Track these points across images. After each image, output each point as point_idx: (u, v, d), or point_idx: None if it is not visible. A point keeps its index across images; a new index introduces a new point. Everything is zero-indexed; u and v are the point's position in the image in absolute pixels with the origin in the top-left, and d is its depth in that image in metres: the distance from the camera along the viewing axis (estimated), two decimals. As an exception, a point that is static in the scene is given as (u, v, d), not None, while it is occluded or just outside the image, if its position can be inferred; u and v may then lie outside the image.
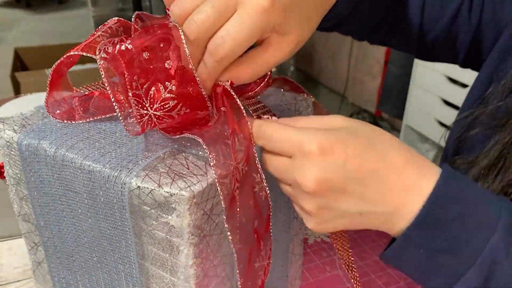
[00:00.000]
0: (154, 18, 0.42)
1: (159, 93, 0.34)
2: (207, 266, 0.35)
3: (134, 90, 0.33)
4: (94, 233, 0.37)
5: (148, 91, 0.34)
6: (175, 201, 0.31)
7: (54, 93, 0.40)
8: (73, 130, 0.38)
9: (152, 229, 0.33)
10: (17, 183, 0.40)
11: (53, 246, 0.41)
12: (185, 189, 0.31)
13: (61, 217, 0.39)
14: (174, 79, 0.34)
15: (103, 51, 0.34)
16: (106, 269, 0.38)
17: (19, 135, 0.37)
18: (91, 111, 0.39)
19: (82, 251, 0.39)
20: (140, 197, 0.32)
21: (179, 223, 0.32)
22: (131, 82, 0.33)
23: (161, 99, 0.34)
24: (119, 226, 0.35)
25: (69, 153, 0.35)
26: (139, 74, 0.33)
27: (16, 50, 2.16)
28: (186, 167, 0.33)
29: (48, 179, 0.37)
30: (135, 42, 0.34)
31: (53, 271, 0.43)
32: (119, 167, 0.33)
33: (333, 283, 0.60)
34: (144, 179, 0.32)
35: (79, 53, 0.37)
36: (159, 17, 0.42)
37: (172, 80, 0.34)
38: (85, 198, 0.36)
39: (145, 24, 0.42)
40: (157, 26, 0.35)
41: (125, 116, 0.35)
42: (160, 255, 0.34)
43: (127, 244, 0.35)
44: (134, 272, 0.37)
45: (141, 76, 0.33)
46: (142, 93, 0.34)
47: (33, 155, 0.37)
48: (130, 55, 0.33)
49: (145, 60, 0.34)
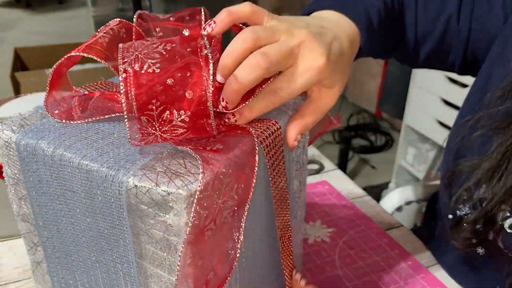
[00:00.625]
0: (157, 18, 0.42)
1: (171, 117, 0.34)
2: (206, 265, 0.35)
3: (149, 111, 0.33)
4: (92, 232, 0.37)
5: (162, 114, 0.33)
6: (172, 200, 0.31)
7: (54, 93, 0.40)
8: (71, 131, 0.38)
9: (150, 228, 0.33)
10: (16, 183, 0.40)
11: (52, 246, 0.41)
12: (182, 187, 0.31)
13: (60, 217, 0.39)
14: (190, 110, 0.34)
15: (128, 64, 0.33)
16: (105, 268, 0.39)
17: (17, 135, 0.37)
18: (89, 111, 0.39)
19: (80, 250, 0.39)
20: (138, 196, 0.32)
21: (176, 222, 0.32)
22: (147, 104, 0.33)
23: (172, 124, 0.34)
24: (117, 225, 0.35)
25: (67, 153, 0.35)
26: (157, 98, 0.33)
27: (16, 50, 2.16)
28: (184, 166, 0.33)
29: (46, 179, 0.37)
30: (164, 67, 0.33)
31: (52, 271, 0.43)
32: (117, 166, 0.33)
33: (333, 283, 0.60)
34: (141, 178, 0.32)
35: (80, 54, 0.37)
36: (161, 17, 0.42)
37: (187, 111, 0.34)
38: (83, 197, 0.36)
39: (148, 24, 0.42)
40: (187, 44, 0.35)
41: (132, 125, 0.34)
42: (158, 254, 0.34)
43: (125, 243, 0.35)
44: (132, 271, 0.37)
45: (159, 100, 0.33)
46: (155, 114, 0.33)
47: (31, 155, 0.37)
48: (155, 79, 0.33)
49: (168, 85, 0.33)
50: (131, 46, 0.34)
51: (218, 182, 0.32)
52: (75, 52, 0.37)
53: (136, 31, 0.40)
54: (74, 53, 0.37)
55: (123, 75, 0.33)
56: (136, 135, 0.34)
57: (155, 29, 0.42)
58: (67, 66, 0.39)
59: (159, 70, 0.33)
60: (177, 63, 0.33)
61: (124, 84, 0.33)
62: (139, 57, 0.33)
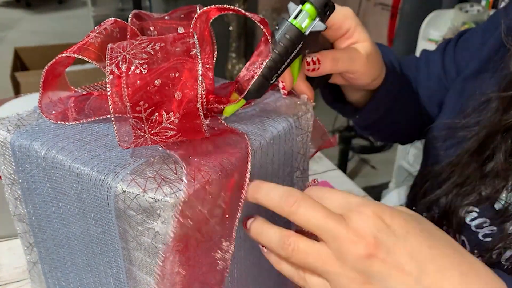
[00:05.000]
0: (152, 17, 0.42)
1: (161, 119, 0.33)
2: (195, 273, 0.34)
3: (137, 113, 0.32)
4: (83, 236, 0.37)
5: (151, 116, 0.32)
6: (159, 207, 0.30)
7: (49, 93, 0.39)
8: (65, 132, 0.37)
9: (138, 235, 0.33)
10: (12, 183, 0.40)
11: (46, 247, 0.41)
12: (170, 195, 0.30)
13: (53, 219, 0.38)
14: (179, 112, 0.33)
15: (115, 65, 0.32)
16: (96, 272, 0.38)
17: (12, 135, 0.37)
18: (85, 112, 0.39)
19: (73, 253, 0.39)
20: (126, 202, 0.31)
21: (164, 230, 0.31)
22: (135, 106, 0.32)
23: (161, 126, 0.33)
24: (107, 230, 0.34)
25: (59, 155, 0.35)
26: (145, 100, 0.32)
27: (16, 50, 2.16)
28: (174, 172, 0.32)
29: (39, 180, 0.37)
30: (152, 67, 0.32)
31: (47, 272, 0.43)
32: (106, 170, 0.33)
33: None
34: (130, 183, 0.31)
35: (71, 55, 0.36)
36: (156, 16, 0.42)
37: (176, 113, 0.33)
38: (74, 200, 0.35)
39: (143, 24, 0.41)
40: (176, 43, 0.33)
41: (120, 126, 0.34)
42: (147, 261, 0.34)
43: (114, 249, 0.35)
44: (122, 276, 0.36)
45: (147, 101, 0.32)
46: (144, 116, 0.32)
47: (25, 156, 0.37)
48: (142, 81, 0.32)
49: (155, 87, 0.32)
50: (119, 46, 0.33)
51: (203, 191, 0.31)
52: (66, 53, 0.36)
53: (131, 31, 0.40)
54: (65, 54, 0.36)
55: (110, 76, 0.32)
56: (125, 137, 0.33)
57: (150, 28, 0.41)
58: (64, 66, 0.39)
59: (147, 71, 0.32)
60: (165, 63, 0.32)
61: (111, 86, 0.32)
62: (126, 57, 0.32)
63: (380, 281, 0.30)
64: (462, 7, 1.63)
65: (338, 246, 0.31)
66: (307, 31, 0.40)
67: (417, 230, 0.32)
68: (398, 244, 0.30)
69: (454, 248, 0.32)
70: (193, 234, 0.32)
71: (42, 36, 3.67)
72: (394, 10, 2.28)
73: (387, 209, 0.32)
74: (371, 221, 0.31)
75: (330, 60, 0.45)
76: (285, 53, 0.40)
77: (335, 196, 0.33)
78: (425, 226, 0.33)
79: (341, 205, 0.33)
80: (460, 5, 1.65)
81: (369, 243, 0.30)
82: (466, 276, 0.31)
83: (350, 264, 0.31)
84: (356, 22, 0.47)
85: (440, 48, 0.65)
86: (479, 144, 0.48)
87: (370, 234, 0.30)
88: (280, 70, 0.40)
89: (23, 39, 3.53)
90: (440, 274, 0.30)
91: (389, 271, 0.30)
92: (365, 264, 0.30)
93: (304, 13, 0.40)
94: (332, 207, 0.32)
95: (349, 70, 0.48)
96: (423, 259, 0.30)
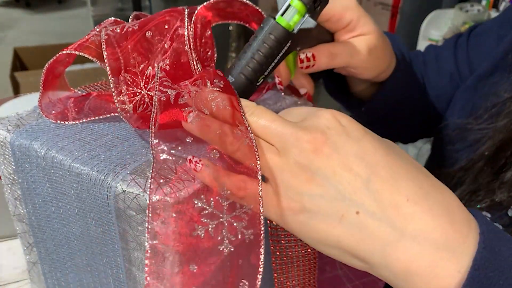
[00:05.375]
0: (152, 17, 0.42)
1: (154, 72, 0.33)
2: (196, 274, 0.33)
3: (131, 67, 0.33)
4: (83, 236, 0.37)
5: (145, 71, 0.33)
6: (159, 207, 0.30)
7: (50, 93, 0.39)
8: (65, 131, 0.37)
9: (138, 235, 0.33)
10: (12, 183, 0.40)
11: (46, 247, 0.41)
12: (169, 194, 0.30)
13: (52, 219, 0.38)
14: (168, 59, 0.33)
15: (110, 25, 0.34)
16: (96, 272, 0.38)
17: (12, 135, 0.37)
18: (85, 112, 0.38)
19: (73, 253, 0.39)
20: (126, 202, 0.31)
21: (164, 230, 0.31)
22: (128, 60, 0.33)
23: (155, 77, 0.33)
24: (107, 230, 0.34)
25: (59, 155, 0.34)
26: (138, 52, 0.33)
27: (15, 50, 2.17)
28: (174, 171, 0.32)
29: (39, 180, 0.37)
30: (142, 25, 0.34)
31: (46, 272, 0.43)
32: (106, 170, 0.32)
33: (333, 283, 0.60)
34: (130, 183, 0.31)
35: (72, 52, 0.36)
36: None
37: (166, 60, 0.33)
38: (74, 200, 0.35)
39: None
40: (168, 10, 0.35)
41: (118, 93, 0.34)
42: (147, 261, 0.33)
43: (114, 249, 0.35)
44: (122, 277, 0.36)
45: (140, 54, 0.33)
46: (138, 71, 0.33)
47: (25, 156, 0.37)
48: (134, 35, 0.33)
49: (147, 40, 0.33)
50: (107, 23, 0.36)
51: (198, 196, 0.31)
52: (67, 50, 0.36)
53: (131, 30, 0.40)
54: (66, 51, 0.36)
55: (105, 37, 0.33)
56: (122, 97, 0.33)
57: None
58: (64, 65, 0.39)
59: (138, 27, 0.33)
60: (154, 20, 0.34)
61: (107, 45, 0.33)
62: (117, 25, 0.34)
63: (323, 179, 0.28)
64: (462, 7, 1.64)
65: (283, 143, 0.29)
66: (296, 29, 0.37)
67: (376, 140, 0.29)
68: (349, 143, 0.28)
69: (422, 170, 0.29)
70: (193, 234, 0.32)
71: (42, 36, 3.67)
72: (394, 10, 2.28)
73: (349, 116, 0.30)
74: (324, 119, 0.29)
75: (327, 56, 0.42)
76: (271, 54, 0.37)
77: (301, 109, 0.32)
78: (395, 149, 0.30)
79: (302, 114, 0.31)
80: (460, 4, 1.65)
81: (315, 137, 0.28)
82: (426, 191, 0.28)
83: (293, 158, 0.28)
84: (359, 13, 0.44)
85: (450, 44, 0.61)
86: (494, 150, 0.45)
87: (318, 130, 0.29)
88: (267, 71, 0.38)
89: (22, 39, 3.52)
90: (393, 181, 0.28)
91: (334, 168, 0.28)
92: (308, 158, 0.28)
93: (292, 9, 0.37)
94: (293, 117, 0.31)
95: (349, 65, 0.45)
96: (375, 163, 0.28)
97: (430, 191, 0.28)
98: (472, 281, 0.26)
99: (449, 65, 0.60)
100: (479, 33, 0.59)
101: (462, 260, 0.27)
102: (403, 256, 0.27)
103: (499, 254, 0.27)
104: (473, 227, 0.28)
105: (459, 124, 0.52)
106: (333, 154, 0.28)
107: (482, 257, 0.27)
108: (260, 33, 0.37)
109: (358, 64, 0.45)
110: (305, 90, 0.45)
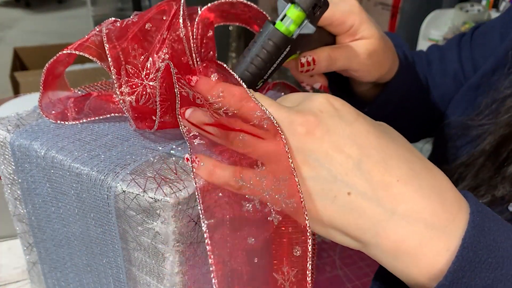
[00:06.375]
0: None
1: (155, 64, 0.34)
2: (195, 274, 0.34)
3: (131, 58, 0.33)
4: (83, 236, 0.37)
5: (145, 62, 0.33)
6: (159, 207, 0.30)
7: (50, 93, 0.39)
8: (65, 131, 0.37)
9: (138, 235, 0.33)
10: (12, 183, 0.40)
11: (46, 248, 0.41)
12: (170, 195, 0.30)
13: (52, 219, 0.38)
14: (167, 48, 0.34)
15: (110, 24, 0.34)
16: (96, 272, 0.38)
17: (12, 135, 0.37)
18: (85, 112, 0.38)
19: (72, 253, 0.39)
20: (126, 202, 0.31)
21: (164, 230, 0.31)
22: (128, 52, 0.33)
23: (156, 68, 0.33)
24: (107, 230, 0.34)
25: (59, 155, 0.34)
26: (138, 44, 0.33)
27: (15, 50, 2.17)
28: (174, 172, 0.32)
29: (39, 180, 0.37)
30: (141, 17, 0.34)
31: (46, 272, 0.43)
32: (106, 170, 0.32)
33: (333, 283, 0.59)
34: (129, 183, 0.31)
35: (72, 51, 0.36)
36: None
37: (164, 49, 0.34)
38: (74, 200, 0.35)
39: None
40: None
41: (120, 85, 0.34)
42: (147, 262, 0.33)
43: (114, 249, 0.35)
44: (122, 277, 0.36)
45: (140, 46, 0.33)
46: (139, 63, 0.33)
47: (25, 156, 0.37)
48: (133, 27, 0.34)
49: (147, 31, 0.34)
50: None
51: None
52: (67, 50, 0.36)
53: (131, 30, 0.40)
54: (66, 51, 0.36)
55: (106, 31, 0.33)
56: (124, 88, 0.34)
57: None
58: (64, 65, 0.39)
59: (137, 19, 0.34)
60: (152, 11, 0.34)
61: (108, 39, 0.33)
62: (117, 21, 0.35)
63: (315, 161, 0.28)
64: (462, 7, 1.64)
65: None
66: (295, 34, 0.37)
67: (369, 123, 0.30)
68: (341, 125, 0.29)
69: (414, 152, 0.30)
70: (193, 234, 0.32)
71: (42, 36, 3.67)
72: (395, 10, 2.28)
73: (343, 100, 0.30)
74: (317, 103, 0.30)
75: (326, 60, 0.43)
76: (270, 59, 0.37)
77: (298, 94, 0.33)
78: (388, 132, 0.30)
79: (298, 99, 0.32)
80: (460, 4, 1.65)
81: (308, 120, 0.29)
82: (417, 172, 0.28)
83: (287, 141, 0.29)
84: (361, 18, 0.44)
85: (454, 43, 0.61)
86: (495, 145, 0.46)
87: (311, 113, 0.29)
88: (266, 76, 0.39)
89: (22, 39, 3.52)
90: (383, 163, 0.28)
91: (326, 150, 0.28)
92: (300, 141, 0.29)
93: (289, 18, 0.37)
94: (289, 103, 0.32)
95: (349, 69, 0.46)
96: (367, 145, 0.28)
97: (421, 172, 0.29)
98: (461, 259, 0.26)
99: (453, 65, 0.60)
100: (482, 32, 0.59)
101: (451, 239, 0.27)
102: (393, 235, 0.28)
103: (488, 233, 0.27)
104: (463, 207, 0.28)
105: (460, 120, 0.52)
106: (325, 136, 0.28)
107: (471, 236, 0.27)
108: (259, 38, 0.37)
109: (358, 67, 0.46)
110: (319, 84, 0.45)
